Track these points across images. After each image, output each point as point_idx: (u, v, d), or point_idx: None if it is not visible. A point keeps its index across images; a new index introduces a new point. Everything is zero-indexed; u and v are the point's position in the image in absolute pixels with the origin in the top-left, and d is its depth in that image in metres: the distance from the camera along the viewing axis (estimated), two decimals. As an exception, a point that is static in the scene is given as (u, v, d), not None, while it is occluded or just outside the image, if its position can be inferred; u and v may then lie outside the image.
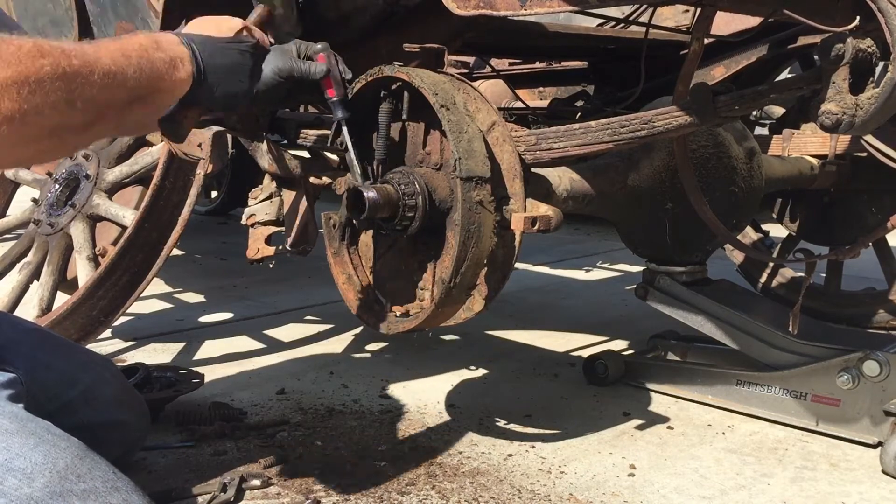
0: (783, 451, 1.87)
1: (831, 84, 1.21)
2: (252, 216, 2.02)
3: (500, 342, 2.75)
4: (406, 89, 1.52)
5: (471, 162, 1.42)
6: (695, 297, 2.12)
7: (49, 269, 2.47)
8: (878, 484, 1.70)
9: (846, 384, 1.86)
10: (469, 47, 2.61)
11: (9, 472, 0.96)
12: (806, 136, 2.47)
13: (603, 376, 2.25)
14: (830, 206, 2.75)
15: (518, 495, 1.62)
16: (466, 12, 1.52)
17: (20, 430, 1.01)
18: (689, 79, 1.58)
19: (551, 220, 1.48)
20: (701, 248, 2.17)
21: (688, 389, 2.16)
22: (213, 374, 2.29)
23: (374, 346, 2.65)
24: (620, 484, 1.68)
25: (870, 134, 2.27)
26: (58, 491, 0.97)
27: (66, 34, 2.90)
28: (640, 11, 2.58)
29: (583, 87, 3.15)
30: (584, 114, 2.73)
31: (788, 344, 2.00)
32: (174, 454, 1.76)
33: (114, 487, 1.01)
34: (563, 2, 1.41)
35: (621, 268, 4.20)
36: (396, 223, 1.49)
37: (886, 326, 2.80)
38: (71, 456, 1.00)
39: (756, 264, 3.13)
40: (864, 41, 1.19)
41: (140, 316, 3.01)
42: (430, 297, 1.56)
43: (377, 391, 2.20)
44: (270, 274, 3.52)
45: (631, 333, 2.80)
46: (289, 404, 2.09)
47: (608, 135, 1.53)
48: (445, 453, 1.81)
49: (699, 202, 1.85)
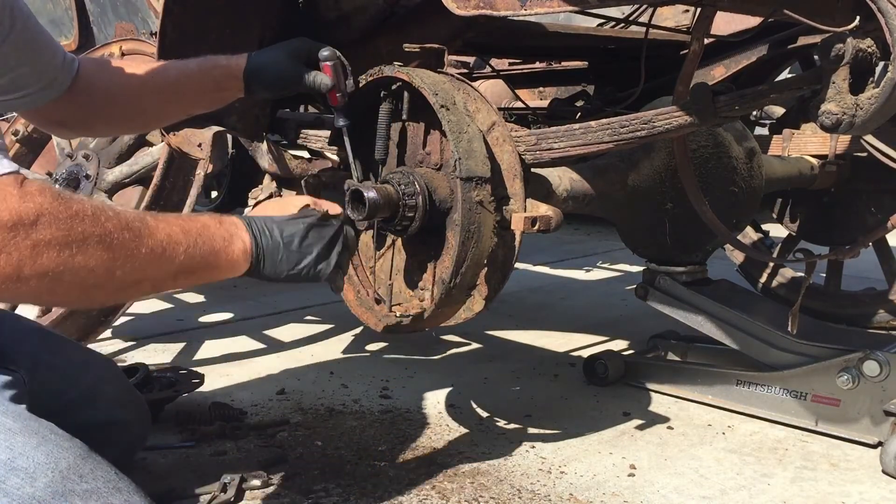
0: (783, 451, 1.87)
1: (831, 84, 1.21)
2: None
3: (500, 342, 2.75)
4: (406, 89, 1.52)
5: (471, 162, 1.42)
6: (695, 297, 2.12)
7: (49, 269, 2.47)
8: (879, 484, 1.71)
9: (846, 384, 1.86)
10: (469, 47, 2.60)
11: (11, 472, 0.96)
12: (806, 136, 2.48)
13: (603, 376, 2.26)
14: (830, 206, 2.75)
15: (518, 495, 1.62)
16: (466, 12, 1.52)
17: (23, 430, 1.01)
18: (689, 79, 1.58)
19: (551, 220, 1.48)
20: (701, 248, 2.17)
21: (688, 389, 2.16)
22: (213, 374, 2.29)
23: (374, 346, 2.65)
24: (620, 484, 1.68)
25: (870, 134, 2.27)
26: (60, 491, 0.97)
27: (65, 34, 2.91)
28: (640, 11, 2.58)
29: (583, 87, 3.15)
30: (584, 114, 2.73)
31: (788, 344, 2.01)
32: (174, 454, 1.77)
33: (116, 488, 1.01)
34: (563, 2, 1.41)
35: (621, 268, 4.20)
36: (396, 223, 1.49)
37: (886, 326, 2.80)
38: (73, 456, 1.00)
39: (756, 264, 3.13)
40: (864, 41, 1.19)
41: (140, 316, 3.01)
42: (430, 297, 1.56)
43: (377, 391, 2.20)
44: (270, 274, 3.52)
45: (631, 333, 2.80)
46: (289, 404, 2.09)
47: (608, 135, 1.53)
48: (445, 453, 1.81)
49: (699, 202, 1.85)
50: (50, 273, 0.93)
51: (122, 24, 2.70)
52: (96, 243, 0.96)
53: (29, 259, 0.91)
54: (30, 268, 0.91)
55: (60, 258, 0.93)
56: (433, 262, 1.56)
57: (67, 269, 0.94)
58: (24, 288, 0.92)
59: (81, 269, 0.95)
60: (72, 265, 0.95)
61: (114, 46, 2.57)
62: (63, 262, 0.94)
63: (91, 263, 0.96)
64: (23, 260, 0.91)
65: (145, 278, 1.04)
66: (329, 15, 2.11)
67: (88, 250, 0.96)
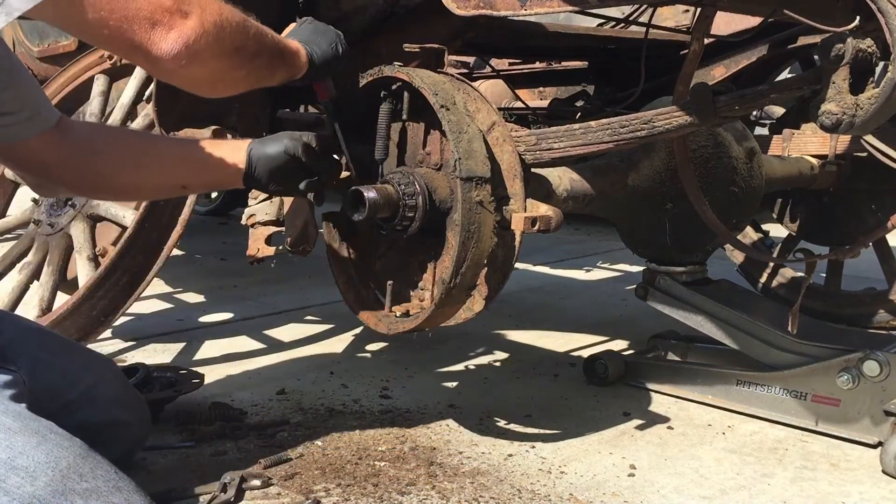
0: (783, 451, 1.87)
1: (831, 84, 1.22)
2: (252, 216, 2.02)
3: (500, 342, 2.75)
4: (406, 89, 1.52)
5: (471, 162, 1.42)
6: (695, 297, 2.12)
7: (49, 269, 2.47)
8: (879, 484, 1.70)
9: (846, 384, 1.86)
10: (469, 47, 2.60)
11: (12, 471, 0.97)
12: (806, 136, 2.48)
13: (603, 376, 2.26)
14: (830, 206, 2.75)
15: (518, 495, 1.62)
16: (466, 12, 1.53)
17: (23, 429, 1.01)
18: (689, 79, 1.59)
19: (551, 220, 1.48)
20: (701, 248, 2.17)
21: (688, 389, 2.16)
22: (213, 374, 2.29)
23: (374, 346, 2.65)
24: (621, 484, 1.68)
25: (870, 134, 2.27)
26: (60, 490, 0.97)
27: (65, 34, 2.90)
28: (640, 11, 2.58)
29: (583, 87, 3.15)
30: (584, 114, 2.73)
31: (789, 344, 2.01)
32: (174, 454, 1.77)
33: (115, 487, 1.01)
34: (563, 2, 1.42)
35: (621, 268, 4.20)
36: (397, 223, 1.49)
37: (887, 326, 2.80)
38: (73, 455, 1.01)
39: (756, 264, 3.13)
40: (864, 41, 1.19)
41: (140, 316, 3.01)
42: (430, 297, 1.56)
43: (377, 391, 2.20)
44: (270, 274, 3.53)
45: (631, 333, 2.80)
46: (289, 404, 2.09)
47: (608, 135, 1.53)
48: (445, 453, 1.81)
49: (699, 202, 1.85)
50: (212, 30, 1.23)
51: (122, 24, 2.69)
52: (231, 16, 1.29)
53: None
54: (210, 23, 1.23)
55: (216, 20, 1.24)
56: (433, 262, 1.56)
57: (223, 25, 1.25)
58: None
59: (229, 27, 1.27)
60: (224, 24, 1.25)
61: (114, 46, 2.57)
62: (218, 21, 1.24)
63: (234, 22, 1.28)
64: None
65: (262, 47, 1.37)
66: (329, 15, 2.11)
67: (229, 19, 1.27)
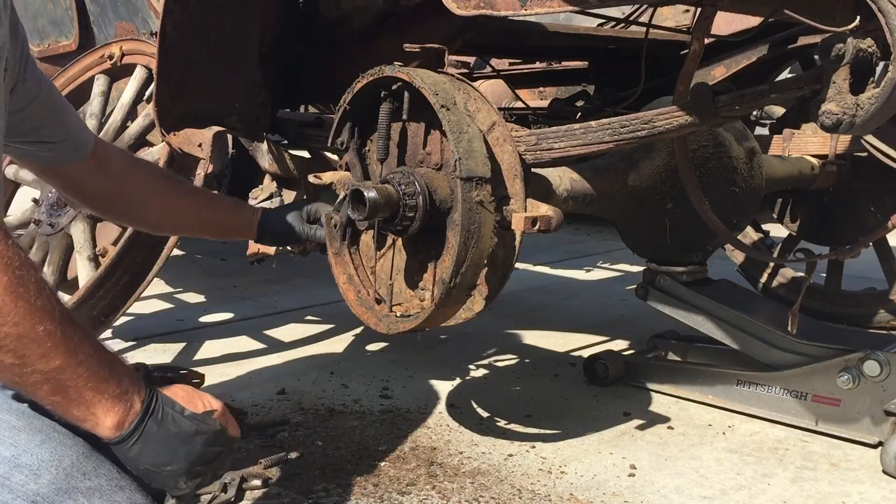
0: (784, 451, 1.87)
1: (832, 84, 1.21)
2: (252, 216, 2.02)
3: (500, 342, 2.75)
4: (406, 89, 1.52)
5: (471, 162, 1.42)
6: (695, 297, 2.12)
7: (49, 269, 2.47)
8: (879, 484, 1.71)
9: (847, 384, 1.86)
10: (469, 47, 2.61)
11: (16, 468, 0.97)
12: (806, 136, 2.47)
13: (603, 376, 2.26)
14: (831, 206, 2.75)
15: (518, 495, 1.62)
16: (466, 12, 1.52)
17: (27, 427, 1.01)
18: (689, 79, 1.58)
19: (552, 220, 1.48)
20: (701, 248, 2.17)
21: (688, 389, 2.16)
22: (213, 374, 2.29)
23: (375, 346, 2.65)
24: (621, 484, 1.68)
25: (870, 134, 2.27)
26: (64, 488, 0.97)
27: (66, 34, 2.90)
28: (640, 11, 2.58)
29: (583, 87, 3.15)
30: (584, 114, 2.73)
31: (789, 344, 2.01)
32: (175, 454, 1.76)
33: (118, 486, 1.01)
34: (563, 2, 1.41)
35: (621, 268, 4.20)
36: (397, 223, 1.49)
37: (887, 326, 2.80)
38: (77, 454, 1.00)
39: (756, 264, 3.13)
40: (864, 41, 1.19)
41: (140, 316, 3.01)
42: (430, 297, 1.56)
43: (377, 391, 2.20)
44: (270, 274, 3.53)
45: (631, 333, 2.80)
46: (289, 404, 2.09)
47: (608, 135, 1.53)
48: (446, 453, 1.81)
49: (699, 202, 1.85)
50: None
51: (122, 24, 2.69)
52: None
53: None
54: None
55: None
56: (433, 262, 1.56)
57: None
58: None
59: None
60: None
61: (114, 46, 2.57)
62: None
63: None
64: None
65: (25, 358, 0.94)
66: (329, 15, 2.12)
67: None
